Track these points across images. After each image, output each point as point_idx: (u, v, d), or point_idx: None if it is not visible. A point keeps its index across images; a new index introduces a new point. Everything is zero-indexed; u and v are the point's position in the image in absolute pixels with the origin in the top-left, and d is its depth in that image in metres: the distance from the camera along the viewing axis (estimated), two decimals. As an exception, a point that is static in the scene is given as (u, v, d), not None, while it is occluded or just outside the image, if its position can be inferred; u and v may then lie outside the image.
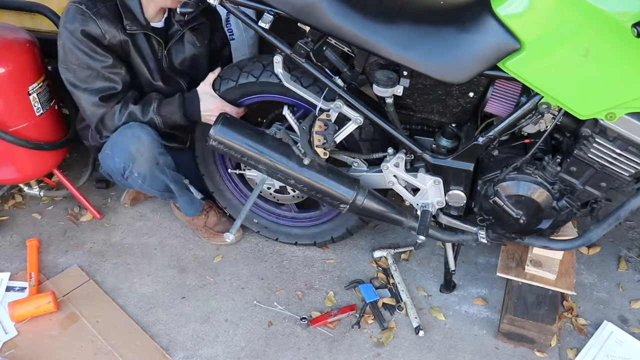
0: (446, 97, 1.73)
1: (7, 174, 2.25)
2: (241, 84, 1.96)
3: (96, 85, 1.95)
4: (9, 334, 2.01)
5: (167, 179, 2.11)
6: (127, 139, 1.99)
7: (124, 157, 1.99)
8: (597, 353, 1.97)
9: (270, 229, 2.37)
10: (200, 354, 2.00)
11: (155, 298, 2.18)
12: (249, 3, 1.69)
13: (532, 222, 1.77)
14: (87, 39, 1.89)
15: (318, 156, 1.87)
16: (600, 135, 1.55)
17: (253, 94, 1.99)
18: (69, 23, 1.88)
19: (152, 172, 2.05)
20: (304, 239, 2.35)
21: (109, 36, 1.91)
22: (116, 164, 2.03)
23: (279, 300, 2.18)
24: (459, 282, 2.22)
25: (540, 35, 1.44)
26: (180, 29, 2.08)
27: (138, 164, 2.00)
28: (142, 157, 1.99)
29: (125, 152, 1.99)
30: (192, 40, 2.12)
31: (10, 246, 2.37)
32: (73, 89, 1.98)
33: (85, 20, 1.87)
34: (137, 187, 2.12)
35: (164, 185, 2.14)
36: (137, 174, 2.04)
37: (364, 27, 1.59)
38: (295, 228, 2.36)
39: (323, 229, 2.31)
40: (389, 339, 2.03)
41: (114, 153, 2.03)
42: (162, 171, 2.08)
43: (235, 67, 2.00)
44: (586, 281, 2.23)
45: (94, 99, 1.96)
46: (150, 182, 2.08)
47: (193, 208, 2.31)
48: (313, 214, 2.34)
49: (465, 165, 1.78)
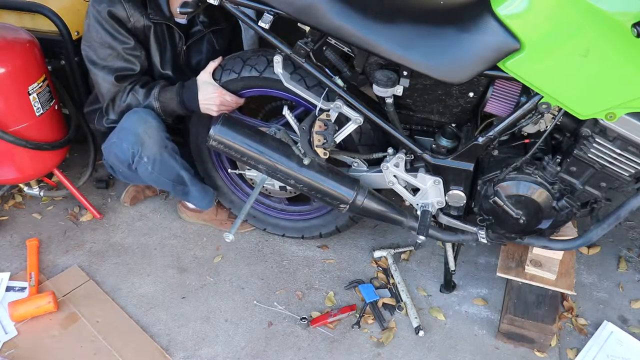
0: (446, 97, 1.73)
1: (7, 174, 2.25)
2: (244, 77, 1.94)
3: (115, 64, 1.99)
4: (9, 334, 2.01)
5: (177, 166, 2.10)
6: (134, 122, 2.00)
7: (133, 141, 2.00)
8: (597, 353, 1.97)
9: (258, 219, 2.38)
10: (200, 354, 2.00)
11: (155, 298, 2.18)
12: (249, 3, 1.69)
13: (532, 222, 1.77)
14: (112, 19, 1.94)
15: (318, 156, 1.87)
16: (600, 135, 1.55)
17: (254, 88, 1.98)
18: (97, 2, 1.94)
19: (161, 156, 2.03)
20: (292, 232, 2.36)
21: (134, 20, 1.97)
22: (124, 151, 2.03)
23: (279, 300, 2.18)
24: (459, 282, 2.22)
25: (540, 35, 1.44)
26: (202, 30, 2.11)
27: (147, 147, 2.00)
28: (150, 139, 1.99)
29: (134, 135, 1.99)
30: (212, 42, 2.15)
31: (10, 246, 2.38)
32: (92, 66, 2.02)
33: (113, 2, 1.93)
34: (146, 177, 2.09)
35: (175, 175, 2.11)
36: (146, 159, 2.02)
37: (364, 27, 1.59)
38: (284, 220, 2.37)
39: (312, 224, 2.32)
40: (389, 339, 2.03)
41: (121, 139, 2.03)
42: (172, 156, 2.07)
43: (238, 58, 1.97)
44: (586, 281, 2.23)
45: (110, 78, 2.00)
46: (160, 168, 2.06)
47: (207, 198, 2.26)
48: (303, 208, 2.35)
49: (465, 165, 1.78)
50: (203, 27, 2.13)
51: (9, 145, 2.13)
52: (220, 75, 1.98)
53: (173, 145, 2.09)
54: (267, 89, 1.97)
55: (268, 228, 2.39)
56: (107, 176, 2.65)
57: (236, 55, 2.00)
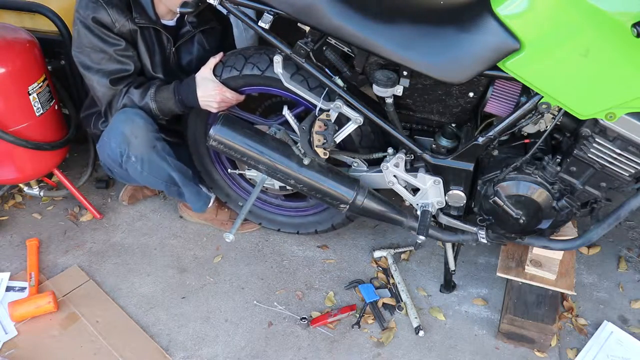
0: (446, 97, 1.73)
1: (7, 174, 2.25)
2: (245, 74, 1.93)
3: (109, 67, 1.99)
4: (9, 334, 2.01)
5: (167, 167, 2.09)
6: (120, 122, 2.00)
7: (119, 141, 2.00)
8: (597, 353, 1.97)
9: (254, 213, 2.37)
10: (200, 354, 2.00)
11: (155, 298, 2.18)
12: (249, 3, 1.69)
13: (532, 222, 1.77)
14: (98, 25, 1.94)
15: (318, 156, 1.87)
16: (600, 135, 1.55)
17: (255, 86, 1.97)
18: (81, 9, 1.94)
19: (149, 156, 2.03)
20: (288, 228, 2.36)
21: (119, 24, 1.96)
22: (113, 150, 2.04)
23: (279, 300, 2.18)
24: (459, 282, 2.22)
25: (540, 35, 1.44)
26: (191, 30, 2.10)
27: (134, 147, 2.00)
28: (136, 139, 1.99)
29: (120, 135, 1.99)
30: (202, 42, 2.14)
31: (10, 246, 2.37)
32: (86, 71, 2.01)
33: (97, 8, 1.93)
34: (137, 176, 2.09)
35: (166, 175, 2.11)
36: (134, 159, 2.02)
37: (364, 27, 1.59)
38: (280, 216, 2.37)
39: (308, 220, 2.32)
40: (389, 339, 2.03)
41: (110, 139, 2.04)
42: (162, 157, 2.06)
43: (240, 55, 1.96)
44: (586, 281, 2.23)
45: (105, 81, 2.00)
46: (149, 168, 2.06)
47: (200, 201, 2.27)
48: (299, 205, 2.35)
49: (465, 165, 1.78)
50: (192, 28, 2.11)
51: (9, 145, 2.13)
52: (221, 72, 1.96)
53: (164, 145, 2.07)
54: (267, 88, 1.97)
55: (263, 222, 2.39)
56: (107, 176, 2.65)
57: (238, 52, 1.98)
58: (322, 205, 2.24)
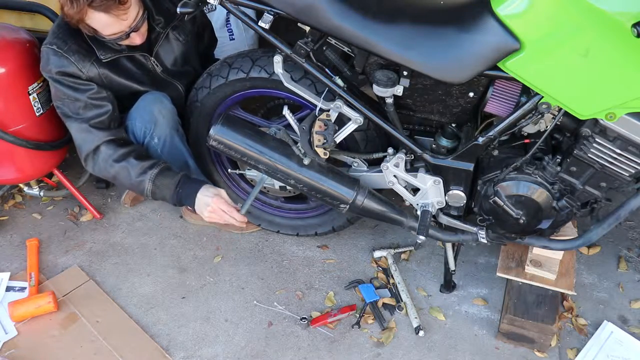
0: (446, 97, 1.73)
1: (7, 174, 2.25)
2: (252, 77, 1.93)
3: (87, 114, 1.99)
4: (9, 334, 2.02)
5: (185, 151, 2.13)
6: (149, 102, 2.04)
7: (147, 119, 2.04)
8: (597, 353, 1.97)
9: (253, 215, 2.37)
10: (200, 354, 2.00)
11: (155, 298, 2.18)
12: (249, 3, 1.69)
13: (532, 222, 1.77)
14: (66, 76, 1.94)
15: (318, 156, 1.87)
16: (600, 135, 1.55)
17: (261, 88, 1.97)
18: (45, 66, 1.95)
19: (172, 138, 2.07)
20: (287, 229, 2.36)
21: (85, 70, 1.96)
22: (138, 129, 2.06)
23: (279, 300, 2.18)
24: (459, 282, 2.22)
25: (540, 35, 1.44)
26: (162, 31, 2.08)
27: (159, 127, 2.04)
28: (164, 118, 2.04)
29: (149, 113, 2.03)
30: (177, 37, 2.13)
31: (10, 246, 2.38)
32: (66, 119, 2.03)
33: (59, 60, 1.92)
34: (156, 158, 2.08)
35: (183, 161, 2.13)
36: (157, 139, 2.06)
37: (364, 27, 1.59)
38: (280, 217, 2.37)
39: (308, 222, 2.32)
40: (389, 339, 2.03)
41: (135, 118, 2.06)
42: (182, 141, 2.12)
43: (247, 57, 1.96)
44: (586, 281, 2.23)
45: (83, 126, 1.99)
46: (169, 151, 2.08)
47: None
48: (299, 207, 2.35)
49: (465, 165, 1.78)
50: (162, 28, 2.07)
51: (9, 145, 2.13)
52: (227, 74, 1.98)
53: (183, 132, 2.14)
54: (257, 89, 1.97)
55: (263, 224, 2.38)
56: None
57: (245, 54, 1.98)
58: (323, 207, 2.24)
